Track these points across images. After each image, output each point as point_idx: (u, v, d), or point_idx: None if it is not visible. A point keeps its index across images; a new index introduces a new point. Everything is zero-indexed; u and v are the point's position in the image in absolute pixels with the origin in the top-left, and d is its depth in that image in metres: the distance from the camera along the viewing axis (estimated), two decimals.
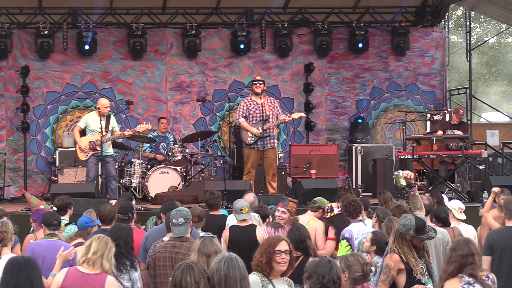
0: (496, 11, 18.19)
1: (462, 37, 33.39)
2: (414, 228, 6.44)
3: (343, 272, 5.52)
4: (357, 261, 5.62)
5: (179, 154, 14.93)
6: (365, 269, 5.61)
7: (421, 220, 6.53)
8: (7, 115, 16.62)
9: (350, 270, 5.57)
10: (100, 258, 6.28)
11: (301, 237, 7.24)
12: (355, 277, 5.58)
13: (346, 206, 8.91)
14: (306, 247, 7.18)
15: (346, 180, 16.40)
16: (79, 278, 6.24)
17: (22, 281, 5.15)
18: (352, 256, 5.70)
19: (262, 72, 17.17)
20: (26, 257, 5.40)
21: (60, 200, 9.32)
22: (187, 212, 7.23)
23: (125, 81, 17.10)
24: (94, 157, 13.47)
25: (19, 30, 16.68)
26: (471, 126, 17.03)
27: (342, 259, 5.65)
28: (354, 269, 5.58)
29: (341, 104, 17.83)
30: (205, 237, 6.21)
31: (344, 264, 5.59)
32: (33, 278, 5.21)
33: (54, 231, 7.80)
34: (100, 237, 6.43)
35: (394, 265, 6.46)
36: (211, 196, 9.67)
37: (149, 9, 17.23)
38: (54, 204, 9.28)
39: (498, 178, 13.73)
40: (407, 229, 6.45)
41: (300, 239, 7.20)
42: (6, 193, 15.93)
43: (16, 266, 5.23)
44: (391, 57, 17.97)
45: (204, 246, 6.10)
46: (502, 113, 21.77)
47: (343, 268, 5.55)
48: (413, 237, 6.45)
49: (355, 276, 5.58)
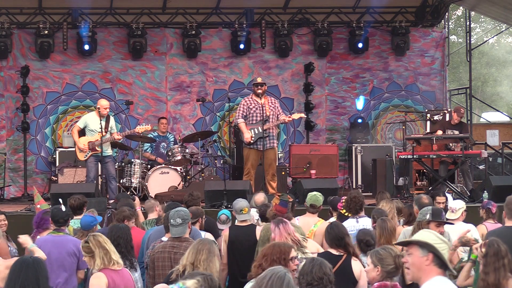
0: (496, 11, 18.19)
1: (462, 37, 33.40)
2: (430, 212, 6.50)
3: (375, 266, 5.52)
4: (388, 254, 5.61)
5: (179, 154, 14.93)
6: (397, 261, 5.59)
7: (438, 208, 6.61)
8: (7, 115, 16.62)
9: (383, 264, 5.56)
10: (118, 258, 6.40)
11: (340, 235, 7.00)
12: (388, 270, 5.57)
13: (348, 201, 8.84)
14: (346, 245, 6.90)
15: (346, 180, 16.40)
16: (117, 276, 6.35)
17: (29, 281, 5.17)
18: (383, 250, 5.67)
19: (262, 72, 17.17)
20: (34, 257, 5.42)
21: (77, 200, 9.40)
22: (185, 213, 7.22)
23: (125, 81, 17.10)
24: (94, 157, 13.47)
25: (19, 30, 16.69)
26: (471, 126, 17.03)
27: (373, 253, 5.62)
28: (386, 262, 5.58)
29: (341, 104, 17.84)
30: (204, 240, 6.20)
31: (376, 258, 5.57)
32: (40, 278, 5.22)
33: (61, 227, 7.88)
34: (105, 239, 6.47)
35: None
36: (190, 198, 9.72)
37: (149, 9, 17.24)
38: (70, 204, 9.32)
39: (498, 178, 13.73)
40: (424, 215, 6.56)
41: (339, 237, 6.97)
42: (6, 193, 15.93)
43: (24, 266, 5.24)
44: (391, 57, 17.97)
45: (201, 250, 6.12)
46: (502, 113, 21.78)
47: (375, 262, 5.54)
48: (430, 222, 6.47)
49: (388, 269, 5.57)
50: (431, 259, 4.54)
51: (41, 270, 5.25)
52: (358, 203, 8.79)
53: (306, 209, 9.26)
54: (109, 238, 7.30)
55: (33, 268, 5.22)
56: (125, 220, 8.49)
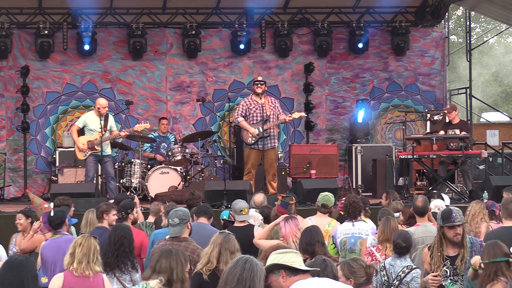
0: (496, 11, 18.18)
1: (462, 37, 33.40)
2: (440, 217, 6.49)
3: (348, 279, 5.55)
4: (360, 266, 5.64)
5: (179, 154, 14.93)
6: (368, 272, 5.65)
7: (446, 209, 6.57)
8: (7, 115, 16.62)
9: (356, 276, 5.60)
10: (87, 266, 6.35)
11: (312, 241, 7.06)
12: (360, 282, 5.61)
13: (346, 206, 8.83)
14: (314, 252, 6.96)
15: (346, 180, 16.39)
16: (77, 282, 6.28)
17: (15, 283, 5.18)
18: (354, 262, 5.70)
19: (262, 72, 17.16)
20: (20, 258, 5.44)
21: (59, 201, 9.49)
22: (183, 213, 7.23)
23: (125, 81, 17.10)
24: (93, 157, 13.47)
25: (19, 30, 16.69)
26: (471, 126, 17.03)
27: (345, 266, 5.65)
28: (359, 274, 5.61)
29: (341, 104, 17.84)
30: (227, 233, 6.23)
31: (348, 271, 5.61)
32: (25, 280, 5.23)
33: (58, 229, 8.02)
34: (82, 242, 6.46)
35: (424, 259, 6.59)
36: (191, 197, 9.74)
37: (149, 9, 17.23)
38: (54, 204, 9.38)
39: (498, 178, 13.72)
40: (437, 220, 6.53)
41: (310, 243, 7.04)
42: (6, 193, 15.93)
43: (9, 268, 5.26)
44: (391, 57, 17.97)
45: (228, 243, 6.15)
46: (502, 113, 21.77)
47: (347, 275, 5.58)
48: (442, 227, 6.47)
49: (360, 281, 5.61)
50: (285, 274, 4.65)
51: (25, 271, 5.26)
52: (357, 208, 8.77)
53: (317, 209, 9.16)
54: (112, 238, 7.35)
55: (17, 269, 5.22)
56: (103, 215, 8.53)
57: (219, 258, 6.21)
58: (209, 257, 6.27)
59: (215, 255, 6.24)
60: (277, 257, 4.69)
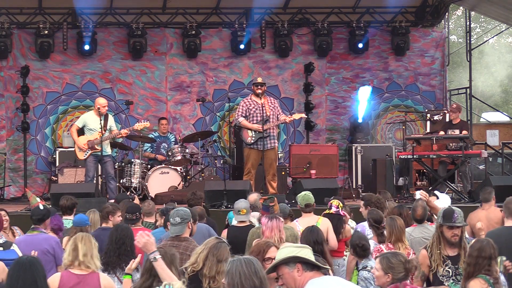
0: (496, 11, 18.19)
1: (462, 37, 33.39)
2: (441, 215, 6.46)
3: (386, 273, 5.55)
4: (399, 262, 5.62)
5: (179, 154, 14.93)
6: (408, 267, 5.63)
7: (449, 208, 6.56)
8: (7, 115, 16.62)
9: (394, 272, 5.59)
10: (91, 259, 6.36)
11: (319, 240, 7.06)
12: (398, 277, 5.60)
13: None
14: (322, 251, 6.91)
15: (346, 180, 16.38)
16: (75, 281, 6.28)
17: (28, 282, 5.19)
18: (394, 257, 5.66)
19: (262, 72, 17.17)
20: (30, 258, 5.43)
21: (69, 200, 9.66)
22: (184, 212, 7.22)
23: (125, 81, 17.11)
24: (93, 157, 13.47)
25: (19, 30, 16.69)
26: (471, 126, 17.03)
27: (384, 260, 5.63)
28: (398, 270, 5.61)
29: (341, 104, 17.84)
30: (221, 241, 6.18)
31: (386, 266, 5.59)
32: (38, 279, 5.24)
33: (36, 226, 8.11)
34: (83, 237, 6.48)
35: (422, 261, 6.53)
36: (193, 197, 9.74)
37: (149, 9, 17.24)
38: (62, 204, 9.63)
39: (498, 178, 13.72)
40: (438, 218, 6.51)
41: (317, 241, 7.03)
42: (6, 193, 15.93)
43: (21, 267, 5.26)
44: (391, 57, 17.97)
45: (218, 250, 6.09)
46: (502, 113, 21.77)
47: (386, 270, 5.57)
48: (441, 226, 6.45)
49: (398, 276, 5.60)
50: (301, 267, 4.65)
51: (38, 271, 5.27)
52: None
53: (301, 210, 9.19)
54: (114, 237, 7.34)
55: (30, 269, 5.23)
56: (109, 216, 8.56)
57: (205, 262, 6.12)
58: (197, 257, 6.22)
59: (202, 257, 6.15)
60: (294, 251, 4.69)
